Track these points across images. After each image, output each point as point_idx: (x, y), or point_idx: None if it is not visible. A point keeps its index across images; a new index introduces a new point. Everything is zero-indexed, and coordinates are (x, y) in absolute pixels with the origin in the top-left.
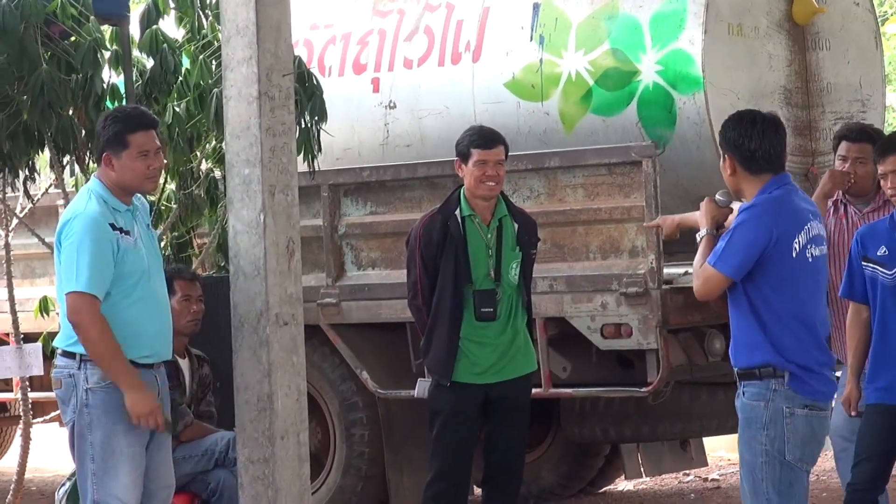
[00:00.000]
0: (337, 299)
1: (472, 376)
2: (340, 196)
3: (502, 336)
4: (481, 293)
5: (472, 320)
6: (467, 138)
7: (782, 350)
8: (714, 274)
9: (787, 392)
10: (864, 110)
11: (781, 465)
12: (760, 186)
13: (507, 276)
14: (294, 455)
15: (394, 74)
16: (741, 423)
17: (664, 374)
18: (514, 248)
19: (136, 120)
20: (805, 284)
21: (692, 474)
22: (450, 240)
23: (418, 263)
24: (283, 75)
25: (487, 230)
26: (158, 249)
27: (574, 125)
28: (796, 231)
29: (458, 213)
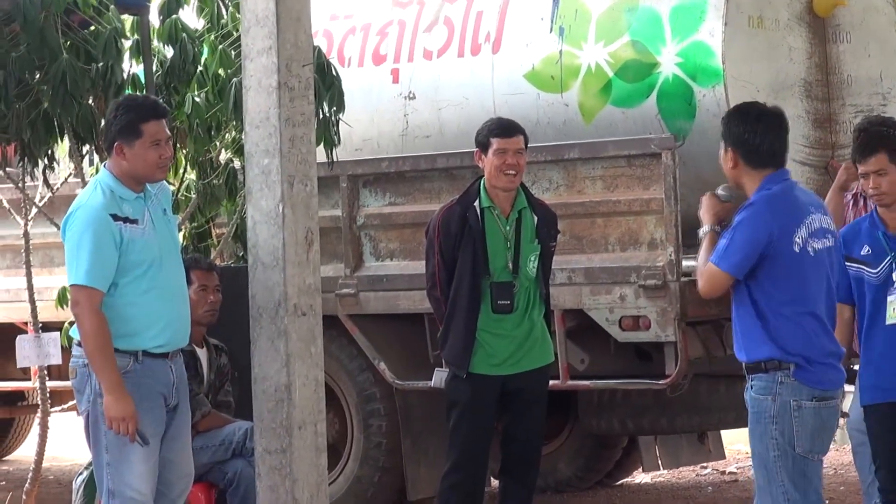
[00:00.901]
0: (355, 290)
1: (488, 367)
2: (359, 187)
3: (519, 328)
4: (499, 285)
5: (489, 312)
6: (486, 129)
7: (785, 343)
8: (717, 273)
9: (793, 384)
10: (885, 103)
11: (794, 457)
12: (761, 181)
13: (525, 268)
14: (311, 445)
15: (413, 65)
16: (751, 417)
17: (682, 367)
18: (533, 241)
19: (149, 109)
20: (807, 278)
21: (710, 467)
22: (468, 231)
23: (437, 254)
24: (302, 65)
25: (506, 222)
26: (176, 235)
27: (593, 117)
28: (796, 226)
29: (478, 204)
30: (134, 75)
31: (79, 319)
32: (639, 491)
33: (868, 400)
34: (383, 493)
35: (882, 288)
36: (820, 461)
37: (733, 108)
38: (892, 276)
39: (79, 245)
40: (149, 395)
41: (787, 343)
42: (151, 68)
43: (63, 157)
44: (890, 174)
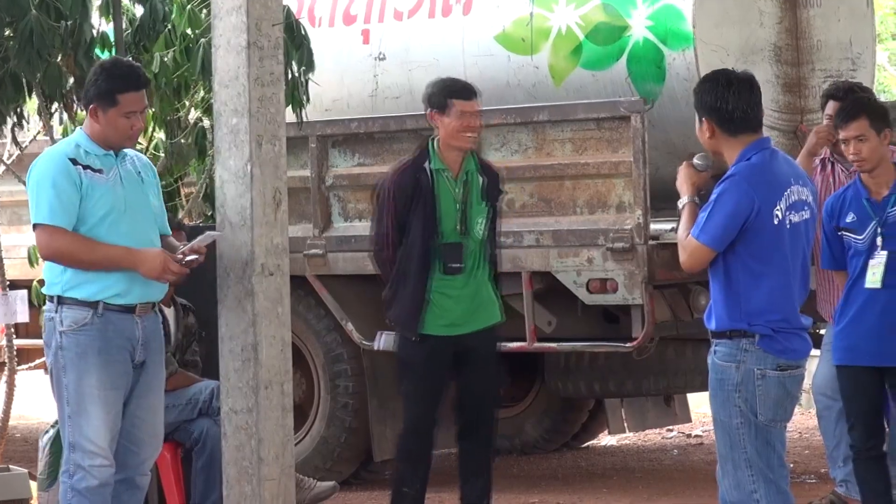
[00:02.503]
0: (323, 250)
1: (439, 328)
2: (328, 147)
3: (466, 288)
4: (448, 246)
5: (438, 273)
6: (445, 88)
7: (756, 315)
8: (698, 246)
9: (757, 353)
10: (854, 69)
11: (756, 425)
12: (741, 148)
13: (474, 229)
14: (277, 405)
15: (384, 26)
16: (713, 382)
17: (649, 330)
18: (482, 202)
19: (129, 80)
20: (784, 251)
21: (675, 430)
22: (420, 193)
23: (389, 216)
24: (272, 25)
25: (456, 184)
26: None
27: (563, 79)
28: (776, 199)
29: (429, 165)
30: (103, 33)
31: (56, 254)
32: (605, 453)
33: (840, 360)
34: (349, 453)
35: (867, 253)
36: (783, 428)
37: (702, 79)
38: (876, 240)
39: (39, 186)
40: (108, 348)
41: (758, 315)
42: (121, 26)
43: (32, 115)
44: (870, 140)
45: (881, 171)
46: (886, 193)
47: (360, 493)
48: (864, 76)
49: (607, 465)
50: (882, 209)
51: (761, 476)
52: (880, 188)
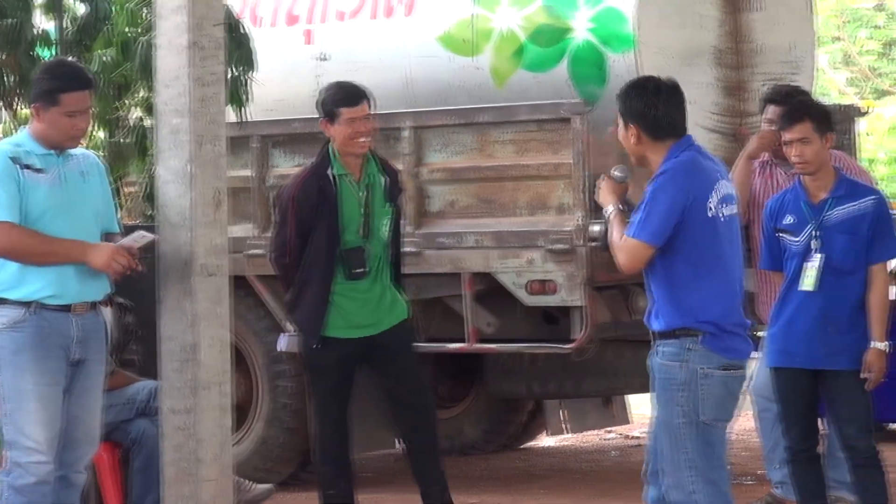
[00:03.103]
0: (264, 250)
1: (343, 330)
2: (270, 147)
3: (371, 291)
4: (351, 251)
5: (341, 278)
6: (330, 98)
7: (699, 311)
8: (637, 245)
9: (702, 352)
10: (795, 72)
11: (699, 425)
12: (665, 152)
13: (378, 232)
14: (216, 406)
15: (326, 27)
16: (657, 383)
17: (589, 332)
18: (385, 205)
19: (73, 81)
20: (722, 245)
21: (615, 431)
22: (324, 200)
23: (292, 223)
24: (213, 25)
25: (359, 188)
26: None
27: (505, 81)
28: (709, 192)
29: (331, 171)
30: (45, 32)
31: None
32: (544, 454)
33: (775, 362)
34: (288, 453)
35: (803, 255)
36: (724, 428)
37: (629, 85)
38: (812, 244)
39: None
40: (42, 345)
41: (701, 312)
42: (63, 25)
43: None
44: (813, 143)
45: (821, 175)
46: (825, 196)
47: (299, 493)
48: (805, 80)
49: (546, 466)
50: (819, 212)
51: (702, 477)
52: (819, 191)
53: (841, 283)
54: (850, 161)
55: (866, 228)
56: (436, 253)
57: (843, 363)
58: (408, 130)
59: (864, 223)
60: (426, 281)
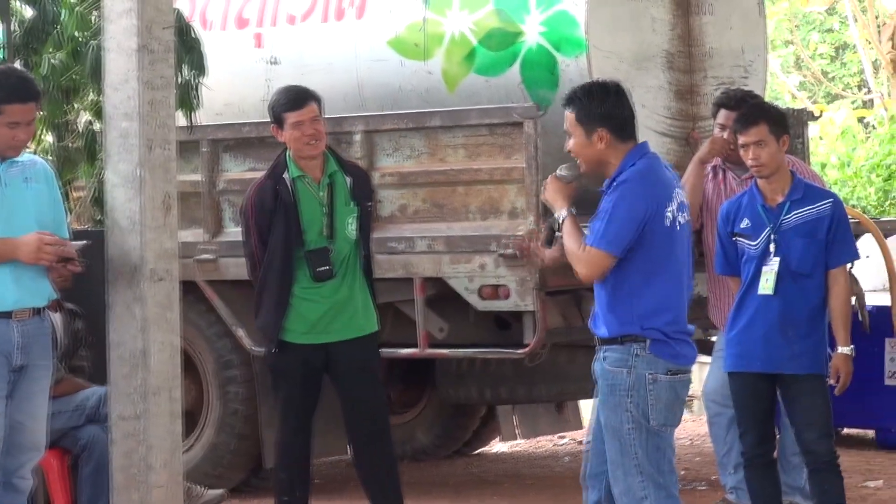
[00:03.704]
0: (214, 255)
1: (304, 335)
2: (220, 151)
3: (336, 294)
4: (314, 253)
5: (308, 280)
6: (277, 103)
7: (647, 318)
8: (599, 255)
9: (648, 357)
10: (746, 76)
11: (648, 430)
12: (625, 154)
13: (343, 232)
14: (166, 412)
15: (277, 30)
16: (603, 389)
17: (541, 336)
18: (349, 203)
19: (15, 92)
20: (677, 253)
21: (567, 437)
22: (280, 204)
23: (253, 234)
24: (163, 28)
25: (319, 188)
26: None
27: (457, 85)
28: (667, 200)
29: (287, 175)
30: None
31: None
32: (496, 460)
33: (732, 367)
34: (239, 460)
35: (760, 259)
36: (672, 433)
37: (586, 91)
38: (770, 247)
39: None
40: None
41: (649, 319)
42: (10, 28)
43: None
44: (769, 146)
45: (777, 178)
46: (781, 200)
47: (250, 500)
48: (756, 84)
49: (499, 471)
50: (776, 216)
51: (652, 482)
52: (776, 195)
53: (799, 286)
54: (802, 165)
55: (825, 232)
56: (387, 258)
57: (803, 367)
58: (359, 134)
59: (823, 226)
60: (378, 286)
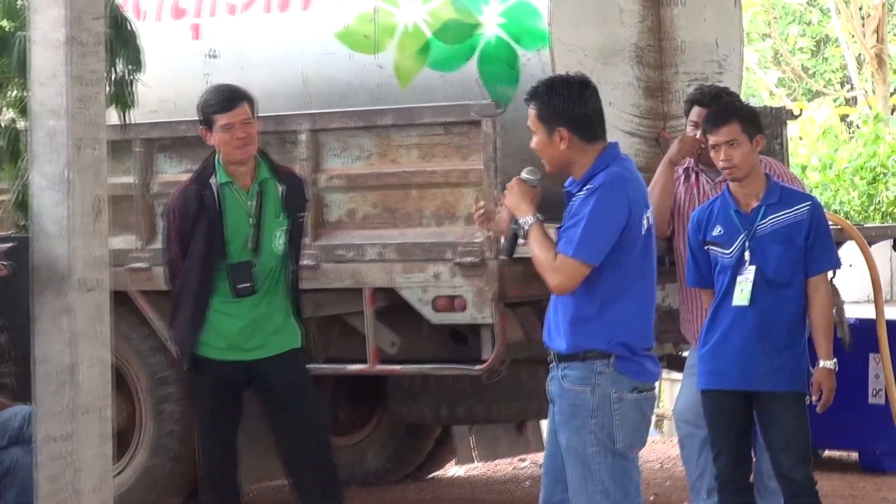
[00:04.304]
0: (148, 264)
1: (221, 351)
2: (154, 152)
3: (256, 310)
4: (236, 267)
5: (228, 294)
6: (206, 104)
7: (615, 331)
8: (575, 265)
9: (613, 374)
10: (721, 71)
11: (613, 452)
12: (595, 156)
13: (270, 245)
14: (96, 432)
15: (216, 21)
16: (564, 409)
17: (500, 351)
18: (279, 215)
19: None
20: (651, 262)
21: (528, 459)
22: (204, 211)
23: (175, 239)
24: (94, 18)
25: (248, 196)
26: None
27: (410, 80)
28: (644, 207)
29: (215, 180)
30: None
31: None
32: (452, 485)
33: (706, 385)
34: (175, 483)
35: (735, 268)
36: (637, 455)
37: (548, 86)
38: (745, 255)
39: None
40: None
41: (616, 333)
42: None
43: None
44: (742, 146)
45: (751, 181)
46: (756, 205)
47: None
48: (732, 79)
49: (455, 496)
50: (751, 221)
51: None
52: (749, 199)
53: (777, 296)
54: (780, 168)
55: (803, 238)
56: (334, 266)
57: (780, 384)
58: (304, 134)
59: (800, 232)
60: (324, 297)
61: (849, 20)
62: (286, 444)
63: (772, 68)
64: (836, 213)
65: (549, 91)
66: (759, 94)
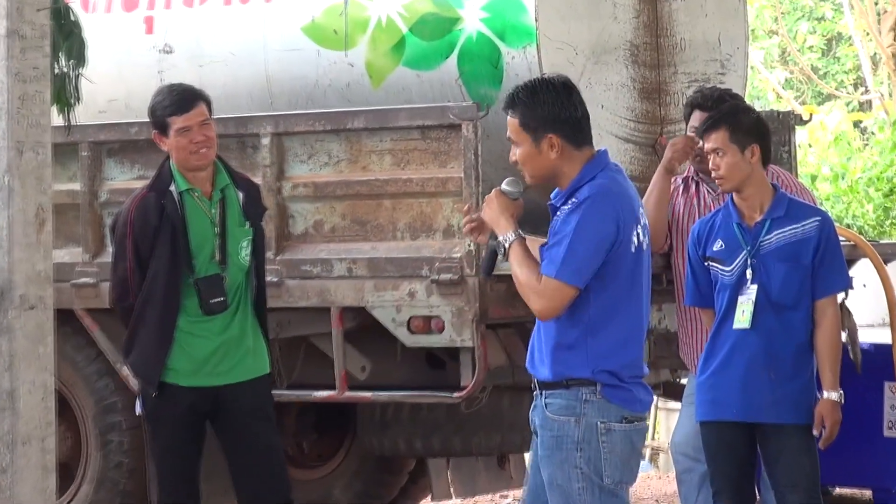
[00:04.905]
0: (95, 279)
1: (189, 377)
2: (103, 156)
3: (228, 331)
4: (206, 281)
5: (197, 313)
6: (159, 106)
7: (601, 359)
8: (560, 287)
9: (600, 403)
10: (723, 72)
11: (601, 489)
12: (583, 163)
13: (237, 257)
14: (37, 464)
15: (171, 13)
16: (546, 441)
17: (480, 377)
18: (243, 224)
19: None
20: (641, 283)
21: (510, 496)
22: (166, 221)
23: (130, 255)
24: (37, 10)
25: (210, 204)
26: None
27: (383, 79)
28: (634, 222)
29: (174, 188)
30: None
31: None
32: None
33: (704, 416)
34: None
35: (735, 287)
36: (628, 491)
37: (529, 90)
38: (746, 273)
39: None
40: None
41: (605, 360)
42: None
43: None
44: (729, 154)
45: (753, 192)
46: (760, 218)
47: None
48: (735, 81)
49: None
50: (754, 236)
51: None
52: (753, 212)
53: (782, 319)
54: (788, 177)
55: (811, 256)
56: (300, 283)
57: (786, 416)
58: (267, 138)
59: (808, 249)
60: (288, 316)
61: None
62: (242, 479)
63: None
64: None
65: (532, 96)
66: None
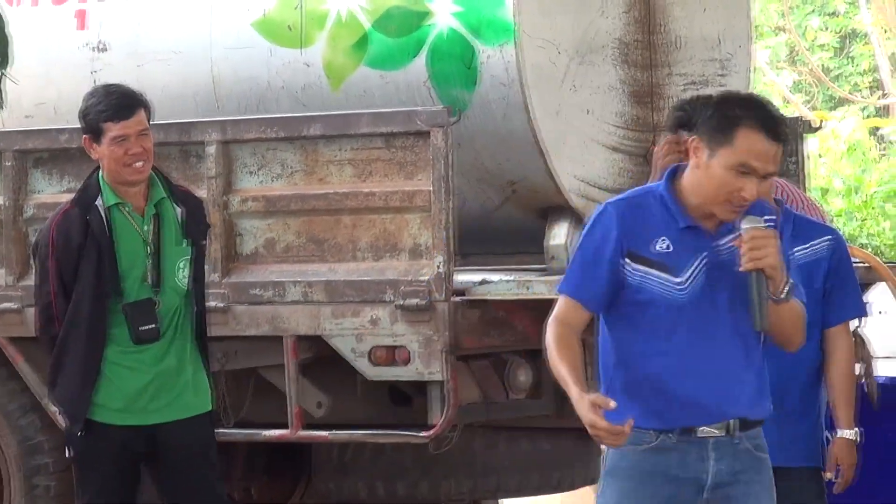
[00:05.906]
0: (19, 304)
1: (120, 414)
2: (29, 166)
3: (162, 362)
4: (136, 306)
5: (126, 342)
6: (93, 109)
7: None
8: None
9: None
10: (724, 73)
11: None
12: None
13: (173, 279)
14: None
15: (105, 7)
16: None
17: (451, 415)
18: (181, 242)
19: None
20: None
21: None
22: (91, 240)
23: (53, 278)
24: None
25: (143, 220)
26: None
27: (343, 81)
28: None
29: (101, 202)
30: None
31: None
32: None
33: None
34: None
35: None
36: None
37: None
38: None
39: None
40: None
41: None
42: None
43: None
44: None
45: None
46: None
47: None
48: (737, 83)
49: None
50: None
51: None
52: None
53: None
54: (795, 192)
55: (821, 279)
56: (248, 309)
57: (794, 458)
58: (213, 146)
59: (819, 272)
60: (236, 346)
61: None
62: None
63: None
64: (864, 248)
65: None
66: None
